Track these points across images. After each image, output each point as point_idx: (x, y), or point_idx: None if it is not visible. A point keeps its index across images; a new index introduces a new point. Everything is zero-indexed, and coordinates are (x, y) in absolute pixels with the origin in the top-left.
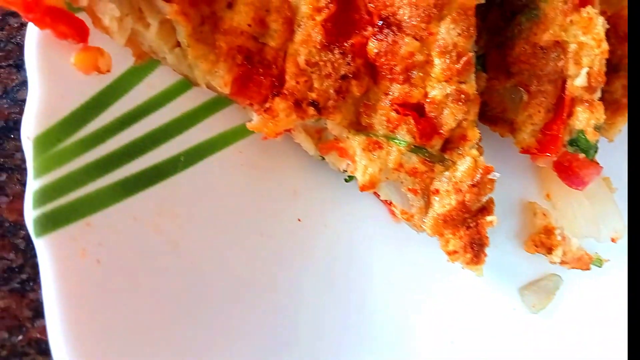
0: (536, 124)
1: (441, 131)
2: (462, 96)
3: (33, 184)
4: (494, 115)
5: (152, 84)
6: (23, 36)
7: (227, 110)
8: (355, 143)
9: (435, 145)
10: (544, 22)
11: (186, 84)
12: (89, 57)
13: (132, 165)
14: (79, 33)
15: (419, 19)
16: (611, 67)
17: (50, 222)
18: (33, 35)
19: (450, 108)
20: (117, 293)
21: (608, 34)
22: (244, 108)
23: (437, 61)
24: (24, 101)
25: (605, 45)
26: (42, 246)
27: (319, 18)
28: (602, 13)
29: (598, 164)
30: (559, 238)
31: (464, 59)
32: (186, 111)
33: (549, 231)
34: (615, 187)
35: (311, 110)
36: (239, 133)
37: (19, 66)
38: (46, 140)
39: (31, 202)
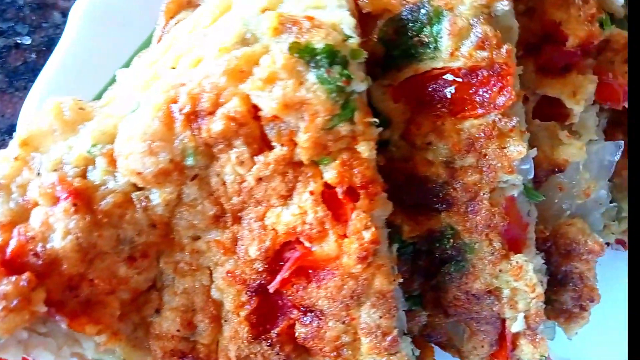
0: (482, 355)
1: None
2: None
3: None
4: (440, 342)
5: None
6: None
7: None
8: None
9: None
10: (473, 272)
11: None
12: None
13: None
14: None
15: (338, 308)
16: (557, 282)
17: None
18: None
19: None
20: None
21: (550, 250)
22: None
23: (364, 340)
24: None
25: (539, 290)
26: None
27: (242, 314)
28: (541, 232)
29: None
30: None
31: (389, 337)
32: None
33: None
34: None
35: None
36: None
37: None
38: None
39: None
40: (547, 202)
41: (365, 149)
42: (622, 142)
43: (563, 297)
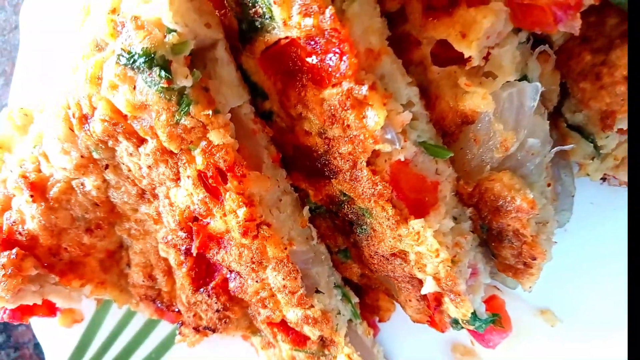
0: (415, 306)
1: (311, 339)
2: (310, 320)
3: None
4: (383, 290)
5: (115, 314)
6: None
7: None
8: (256, 342)
9: (312, 347)
10: (376, 235)
11: None
12: (67, 317)
13: None
14: (50, 310)
15: (247, 271)
16: (494, 237)
17: None
18: None
19: (307, 326)
20: None
21: (479, 206)
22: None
23: (278, 296)
24: None
25: (444, 255)
26: None
27: (183, 270)
28: (462, 188)
29: (504, 327)
30: None
31: (297, 295)
32: (144, 322)
33: None
34: (558, 319)
35: (210, 332)
36: None
37: None
38: None
39: None
40: (465, 156)
41: (216, 138)
42: (538, 84)
43: (503, 253)
